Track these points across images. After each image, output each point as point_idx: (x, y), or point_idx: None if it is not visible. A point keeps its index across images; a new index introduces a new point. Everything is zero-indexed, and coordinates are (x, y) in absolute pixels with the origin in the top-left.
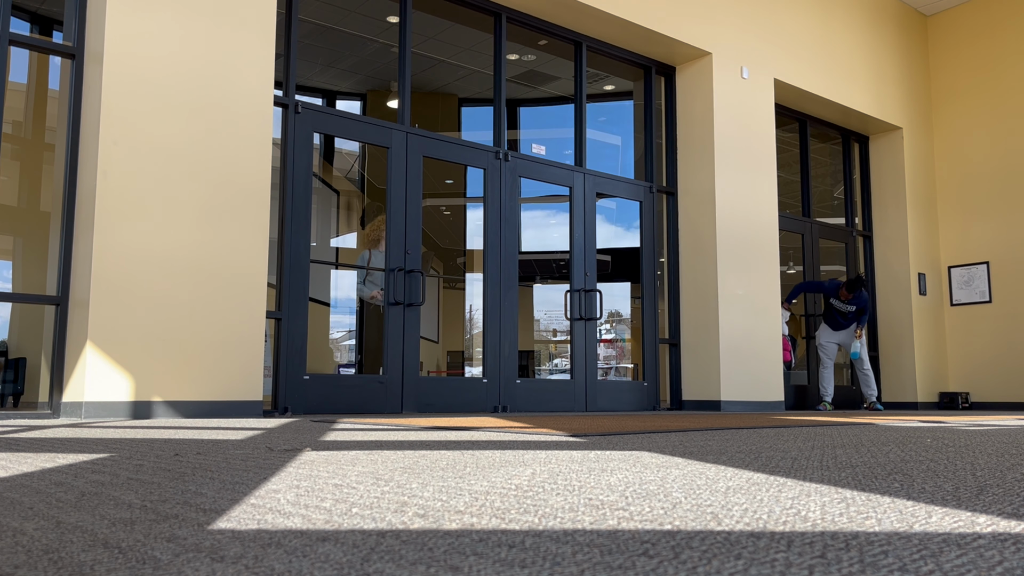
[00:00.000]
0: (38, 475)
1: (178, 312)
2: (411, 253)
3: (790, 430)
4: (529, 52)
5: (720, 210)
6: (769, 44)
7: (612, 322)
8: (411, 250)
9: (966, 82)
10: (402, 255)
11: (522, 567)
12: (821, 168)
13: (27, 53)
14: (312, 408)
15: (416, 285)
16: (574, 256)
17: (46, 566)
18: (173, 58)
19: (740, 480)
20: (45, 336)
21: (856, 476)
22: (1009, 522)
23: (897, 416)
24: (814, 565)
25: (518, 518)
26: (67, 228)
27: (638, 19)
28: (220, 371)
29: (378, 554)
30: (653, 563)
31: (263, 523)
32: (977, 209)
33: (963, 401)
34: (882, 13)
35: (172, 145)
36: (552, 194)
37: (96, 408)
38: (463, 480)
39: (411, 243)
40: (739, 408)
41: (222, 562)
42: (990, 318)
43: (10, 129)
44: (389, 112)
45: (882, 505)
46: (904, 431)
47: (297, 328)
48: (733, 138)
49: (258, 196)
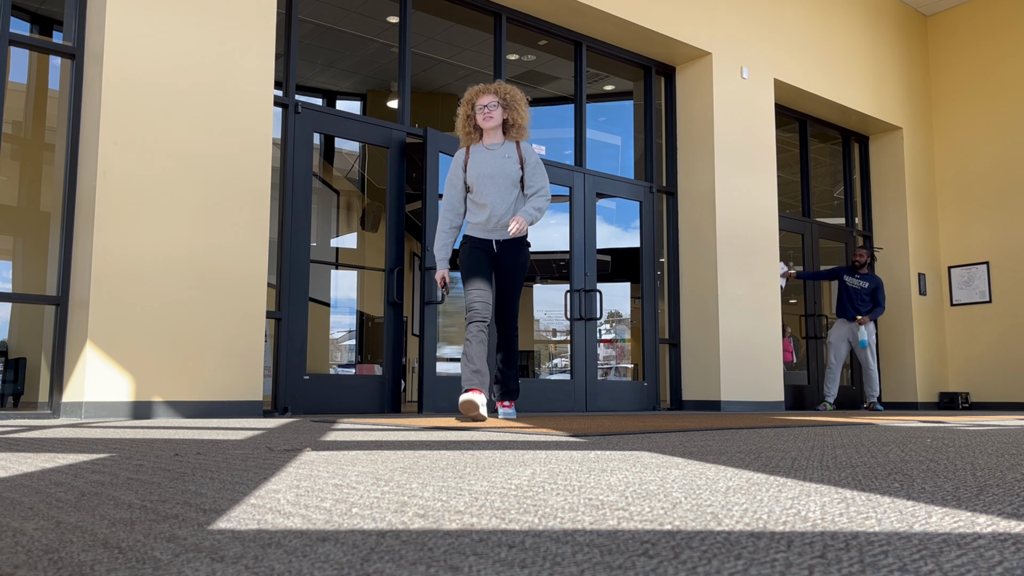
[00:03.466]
0: (38, 475)
1: (178, 312)
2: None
3: (790, 430)
4: (529, 52)
5: (720, 210)
6: (769, 44)
7: (612, 322)
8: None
9: (966, 82)
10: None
11: (522, 567)
12: (821, 168)
13: (27, 53)
14: (312, 408)
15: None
16: (574, 256)
17: (46, 566)
18: (173, 58)
19: (740, 480)
20: (45, 336)
21: (856, 476)
22: (1009, 522)
23: (897, 416)
24: (814, 565)
25: (518, 518)
26: (67, 228)
27: (638, 19)
28: (220, 371)
29: (378, 554)
30: (653, 563)
31: (263, 523)
32: (977, 209)
33: (963, 401)
34: (882, 13)
35: (172, 145)
36: (552, 194)
37: (96, 408)
38: (463, 480)
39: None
40: (739, 408)
41: (222, 562)
42: (990, 318)
43: (10, 129)
44: (389, 112)
45: (882, 505)
46: (904, 431)
47: (297, 328)
48: (733, 138)
49: (258, 196)
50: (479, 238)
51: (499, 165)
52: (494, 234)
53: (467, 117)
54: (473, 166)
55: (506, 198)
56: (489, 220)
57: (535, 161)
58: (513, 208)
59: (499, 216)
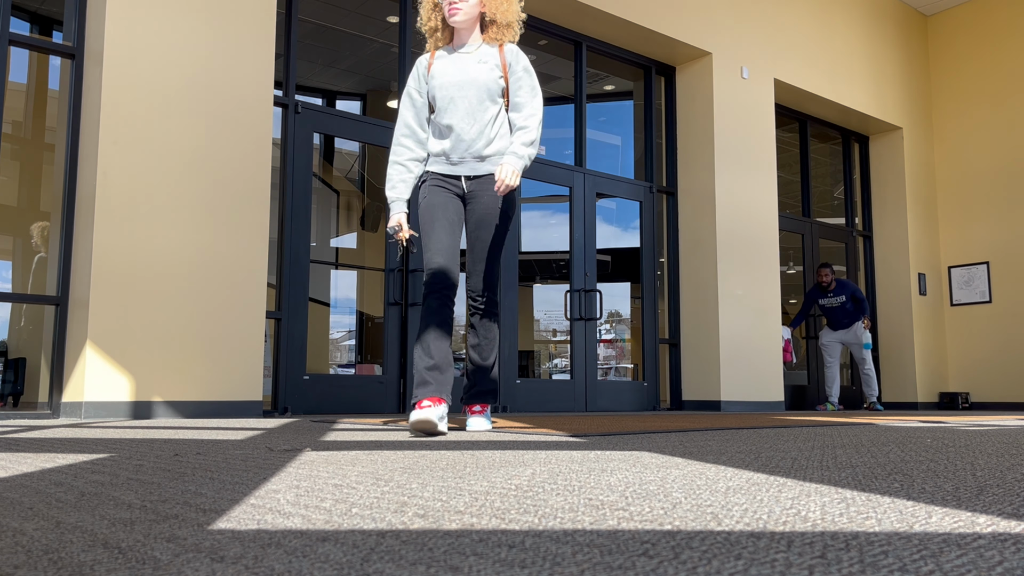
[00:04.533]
0: (38, 475)
1: (178, 312)
2: (414, 253)
3: (790, 430)
4: (529, 52)
5: (720, 210)
6: (769, 44)
7: (612, 322)
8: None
9: (966, 82)
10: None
11: (522, 567)
12: (821, 168)
13: (27, 53)
14: (312, 408)
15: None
16: (574, 256)
17: (46, 566)
18: (173, 58)
19: (740, 480)
20: (45, 336)
21: (856, 476)
22: (1009, 522)
23: (897, 416)
24: (814, 565)
25: (518, 518)
26: (67, 228)
27: (638, 19)
28: (220, 371)
29: (378, 554)
30: (653, 563)
31: (263, 523)
32: (977, 209)
33: (963, 401)
34: (882, 13)
35: (172, 145)
36: (552, 194)
37: (96, 408)
38: (463, 480)
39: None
40: (739, 408)
41: (222, 562)
42: (990, 318)
43: (10, 129)
44: (389, 112)
45: (882, 505)
46: (904, 431)
47: (297, 328)
48: (733, 138)
49: (258, 196)
50: (442, 174)
51: (470, 72)
52: (463, 167)
53: (434, 6)
54: (438, 74)
55: (479, 117)
56: (455, 148)
57: (523, 67)
58: (491, 132)
59: (469, 142)
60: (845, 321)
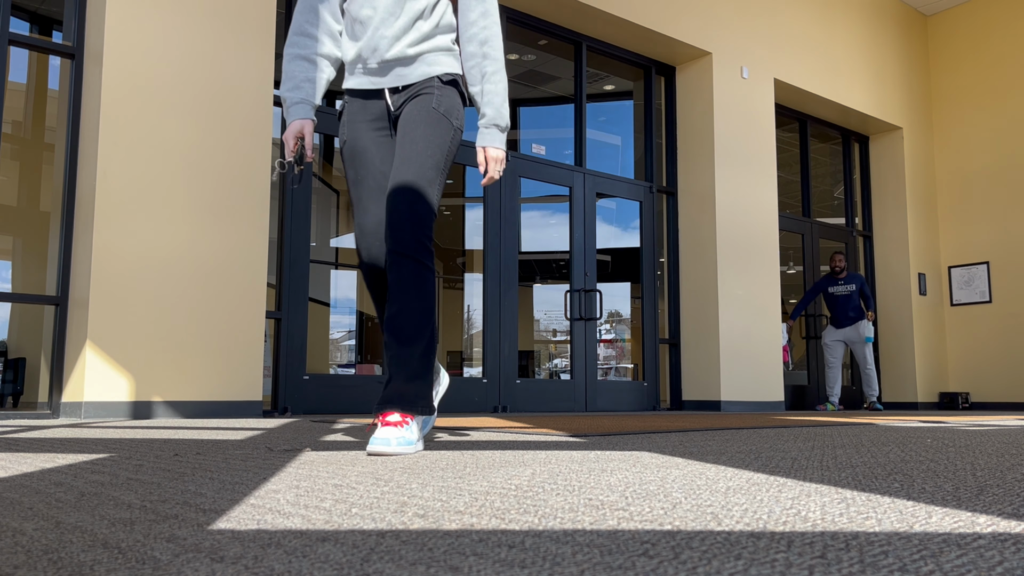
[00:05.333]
0: (38, 475)
1: (178, 312)
2: None
3: (790, 430)
4: (529, 52)
5: (720, 210)
6: (769, 44)
7: (612, 322)
8: None
9: (966, 82)
10: None
11: (522, 567)
12: (821, 168)
13: (27, 53)
14: (312, 408)
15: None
16: (574, 256)
17: (46, 566)
18: (173, 58)
19: (740, 480)
20: (45, 336)
21: (856, 476)
22: (1009, 522)
23: (897, 416)
24: (814, 565)
25: (518, 518)
26: (67, 228)
27: (638, 19)
28: (220, 371)
29: (378, 554)
30: (653, 563)
31: (263, 523)
32: (977, 209)
33: (963, 401)
34: (882, 13)
35: (172, 145)
36: (552, 194)
37: (96, 408)
38: (463, 480)
39: None
40: (739, 408)
41: (222, 562)
42: (990, 318)
43: (10, 129)
44: None
45: (882, 505)
46: (904, 431)
47: (297, 328)
48: (733, 138)
49: (258, 196)
50: (361, 91)
51: None
52: (384, 77)
53: None
54: None
55: (401, 8)
56: (375, 48)
57: None
58: (424, 25)
59: (391, 38)
60: (851, 315)
